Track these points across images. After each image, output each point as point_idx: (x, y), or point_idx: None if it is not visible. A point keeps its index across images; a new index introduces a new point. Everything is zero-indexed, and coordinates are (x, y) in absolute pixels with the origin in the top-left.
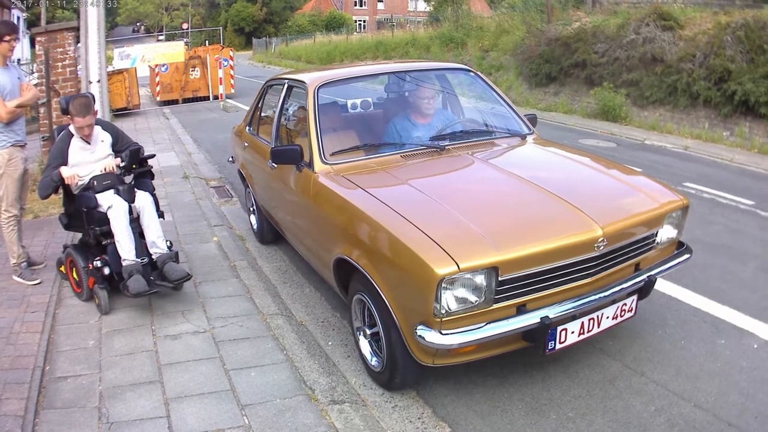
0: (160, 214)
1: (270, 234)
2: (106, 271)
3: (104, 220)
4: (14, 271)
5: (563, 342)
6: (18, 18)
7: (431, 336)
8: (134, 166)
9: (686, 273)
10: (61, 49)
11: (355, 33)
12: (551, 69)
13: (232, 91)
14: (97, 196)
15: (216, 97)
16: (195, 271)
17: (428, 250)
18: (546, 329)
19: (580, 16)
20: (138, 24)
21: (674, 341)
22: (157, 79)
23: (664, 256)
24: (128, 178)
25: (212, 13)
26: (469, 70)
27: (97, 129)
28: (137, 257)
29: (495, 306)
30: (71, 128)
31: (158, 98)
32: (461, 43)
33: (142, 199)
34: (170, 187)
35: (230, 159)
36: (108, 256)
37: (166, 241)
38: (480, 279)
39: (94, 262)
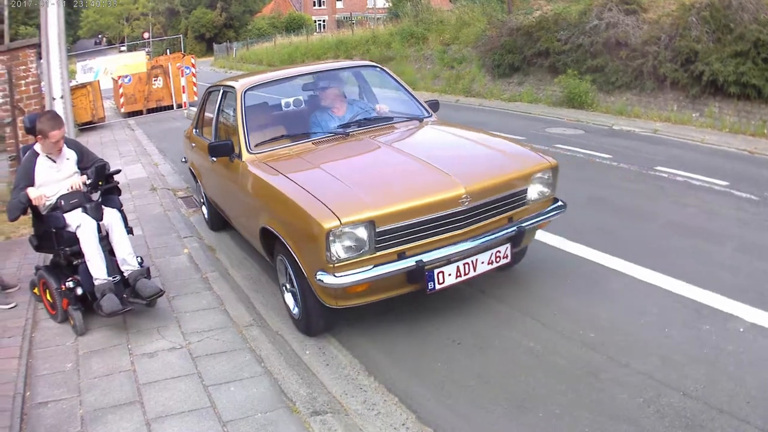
0: (129, 230)
1: (218, 222)
2: (79, 291)
3: (74, 239)
4: None
5: (442, 283)
6: None
7: (328, 278)
8: (100, 182)
9: (664, 258)
10: (23, 67)
11: (315, 33)
12: (514, 59)
13: (195, 98)
14: (65, 215)
15: (180, 106)
16: (167, 285)
17: (318, 209)
18: (422, 271)
19: (541, 4)
20: (99, 36)
21: (657, 329)
22: (121, 90)
23: (539, 210)
24: (95, 196)
25: (172, 21)
26: (376, 66)
27: (64, 147)
28: (109, 275)
29: (378, 253)
30: (36, 147)
31: (122, 110)
32: (422, 37)
33: (110, 216)
34: (138, 200)
35: (183, 159)
36: (80, 276)
37: (137, 257)
38: (361, 231)
39: (67, 283)
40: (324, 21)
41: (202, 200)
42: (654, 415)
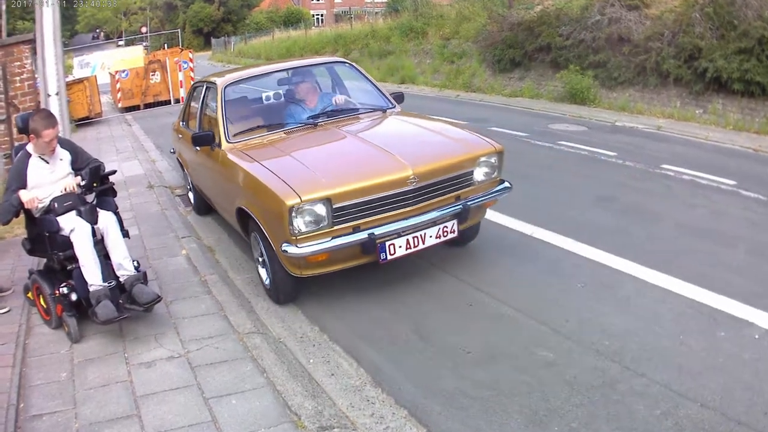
0: (125, 233)
1: (203, 206)
2: (74, 297)
3: (67, 244)
4: None
5: (393, 254)
6: None
7: (291, 249)
8: (95, 184)
9: (676, 261)
10: (18, 63)
11: (313, 27)
12: (515, 54)
13: None
14: (59, 219)
15: (177, 101)
16: (165, 288)
17: (282, 189)
18: (374, 242)
19: None
20: (97, 31)
21: (672, 336)
22: (118, 85)
23: (486, 190)
24: (90, 198)
25: (170, 16)
26: (345, 62)
27: (57, 147)
28: (104, 281)
29: (335, 227)
30: (29, 148)
31: (120, 105)
32: (422, 32)
33: (105, 219)
34: (135, 198)
35: (172, 150)
36: (74, 281)
37: (133, 260)
38: (319, 207)
39: (61, 289)
40: (322, 15)
41: (189, 187)
42: (672, 428)
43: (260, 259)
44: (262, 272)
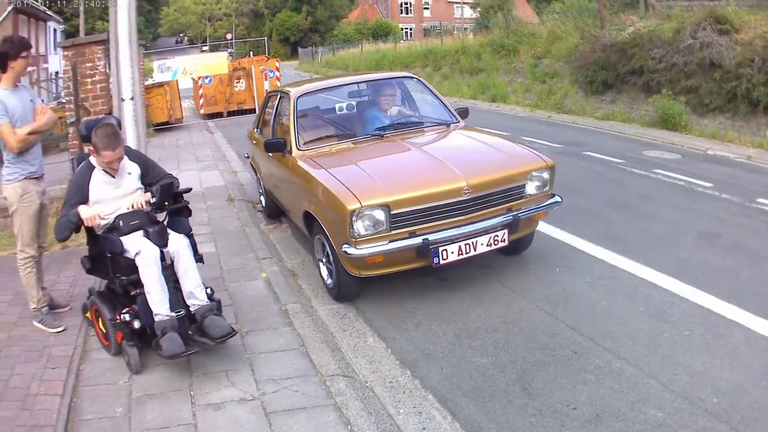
0: (198, 258)
1: (274, 209)
2: (136, 325)
3: (132, 267)
4: (34, 316)
5: (446, 259)
6: (54, 30)
7: (351, 250)
8: (167, 202)
9: None
10: (90, 64)
11: (402, 41)
12: (607, 76)
13: None
14: (123, 239)
15: None
16: (241, 316)
17: (345, 194)
18: (427, 247)
19: (634, 20)
20: (181, 35)
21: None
22: (201, 91)
23: (537, 203)
24: (161, 216)
25: (256, 23)
26: (414, 77)
27: (124, 159)
28: (172, 311)
29: (393, 232)
30: (92, 159)
31: (202, 111)
32: (513, 50)
33: (177, 242)
34: (214, 212)
35: (246, 155)
36: (138, 308)
37: (206, 288)
38: (378, 213)
39: (122, 315)
40: (411, 29)
41: (260, 191)
42: None
43: (323, 260)
44: (324, 272)
